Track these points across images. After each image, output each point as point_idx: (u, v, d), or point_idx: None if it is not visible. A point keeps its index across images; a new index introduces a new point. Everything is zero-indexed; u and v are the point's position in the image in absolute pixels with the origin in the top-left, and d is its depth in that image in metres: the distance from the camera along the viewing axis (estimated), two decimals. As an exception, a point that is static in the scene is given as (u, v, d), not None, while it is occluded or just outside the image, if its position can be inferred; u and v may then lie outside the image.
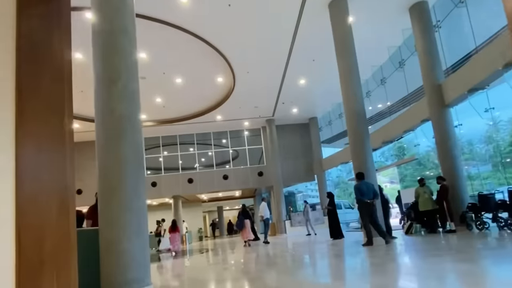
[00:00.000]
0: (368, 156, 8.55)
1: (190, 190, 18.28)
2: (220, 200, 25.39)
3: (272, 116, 17.26)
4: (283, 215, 17.07)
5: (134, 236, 3.92)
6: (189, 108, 15.51)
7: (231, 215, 36.61)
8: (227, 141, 18.94)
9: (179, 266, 8.03)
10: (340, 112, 16.28)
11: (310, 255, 7.17)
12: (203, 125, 17.42)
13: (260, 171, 18.31)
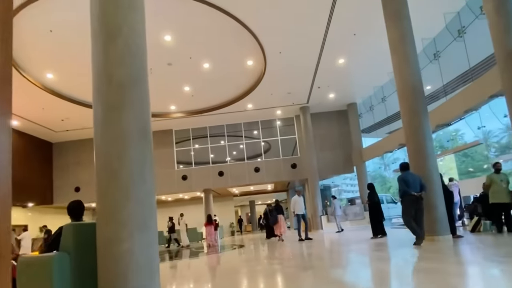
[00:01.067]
0: (427, 139, 7.13)
1: (221, 184, 17.57)
2: (252, 194, 24.56)
3: (307, 103, 15.95)
4: (319, 210, 15.79)
5: (137, 233, 3.01)
6: (218, 97, 14.69)
7: (263, 210, 35.83)
8: (258, 132, 17.94)
9: (215, 263, 7.20)
10: (383, 96, 14.60)
11: (348, 256, 5.97)
12: (233, 115, 16.56)
13: (293, 163, 17.13)
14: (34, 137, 17.51)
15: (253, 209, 29.71)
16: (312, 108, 16.48)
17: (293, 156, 17.42)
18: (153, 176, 3.47)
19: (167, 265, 7.82)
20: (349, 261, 5.58)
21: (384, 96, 14.51)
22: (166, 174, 17.84)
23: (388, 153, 14.61)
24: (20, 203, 17.07)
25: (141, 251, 3.03)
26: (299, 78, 13.19)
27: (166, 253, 12.39)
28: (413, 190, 6.23)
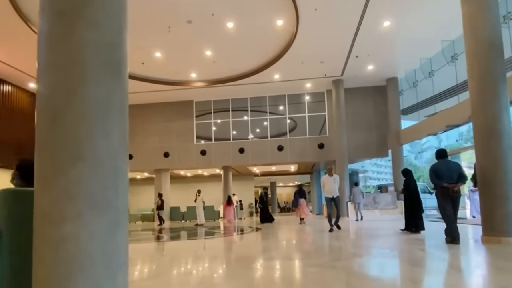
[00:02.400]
0: (502, 112, 5.52)
1: (241, 161, 16.51)
2: (273, 174, 23.42)
3: (341, 75, 14.23)
4: (346, 196, 14.39)
5: (89, 211, 1.86)
6: (242, 64, 13.32)
7: (284, 192, 34.78)
8: (284, 108, 16.49)
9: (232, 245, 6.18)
10: (430, 70, 12.62)
11: (378, 253, 4.66)
12: (258, 87, 15.19)
13: (320, 142, 15.66)
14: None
15: (274, 190, 28.70)
16: (346, 82, 14.75)
17: (320, 135, 15.92)
18: (124, 130, 2.26)
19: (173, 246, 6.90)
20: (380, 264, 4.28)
21: (432, 70, 12.53)
22: (184, 148, 17.02)
23: (431, 135, 12.77)
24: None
25: (94, 238, 1.88)
26: (335, 44, 11.50)
27: (172, 231, 11.62)
28: (448, 181, 5.32)
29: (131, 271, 3.91)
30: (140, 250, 6.20)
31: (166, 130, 17.29)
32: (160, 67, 13.40)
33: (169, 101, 17.25)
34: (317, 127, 16.17)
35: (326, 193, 8.41)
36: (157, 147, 17.31)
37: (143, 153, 17.40)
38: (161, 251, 6.38)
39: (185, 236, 9.45)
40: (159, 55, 12.37)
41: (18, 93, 14.98)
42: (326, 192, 8.41)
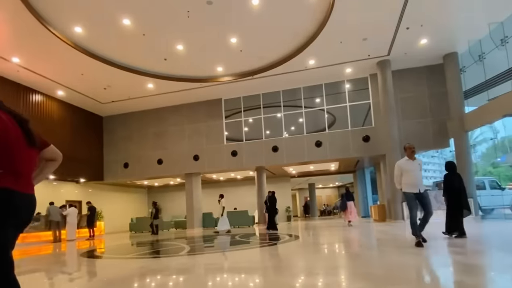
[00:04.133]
0: None
1: (275, 161, 15.01)
2: (311, 175, 21.59)
3: (387, 55, 12.27)
4: (400, 195, 12.31)
5: None
6: (272, 51, 11.88)
7: (324, 194, 32.62)
8: (321, 100, 14.75)
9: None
10: (503, 37, 10.30)
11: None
12: (291, 77, 13.68)
13: (365, 135, 13.71)
14: (83, 110, 16.90)
15: (312, 193, 26.78)
16: (394, 63, 12.73)
17: (365, 127, 13.96)
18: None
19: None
20: None
21: (506, 36, 10.22)
22: (214, 150, 15.90)
23: (508, 116, 10.37)
24: (72, 178, 16.74)
25: None
26: (381, 14, 9.69)
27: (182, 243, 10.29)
28: None
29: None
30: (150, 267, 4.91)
31: (195, 132, 16.32)
32: (183, 62, 12.39)
33: (197, 101, 16.30)
34: (359, 118, 14.24)
35: (407, 187, 5.24)
36: (186, 151, 16.38)
37: (173, 158, 16.56)
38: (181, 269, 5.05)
39: (213, 247, 8.13)
40: (181, 47, 11.33)
41: (47, 101, 14.78)
42: (408, 184, 5.23)
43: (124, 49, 11.35)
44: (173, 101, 16.23)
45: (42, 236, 12.31)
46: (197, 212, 16.32)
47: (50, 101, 14.97)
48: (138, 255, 6.80)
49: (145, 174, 17.17)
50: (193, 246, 7.94)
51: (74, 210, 13.23)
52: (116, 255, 7.11)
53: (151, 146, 17.07)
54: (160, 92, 15.02)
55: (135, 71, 12.84)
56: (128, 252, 7.74)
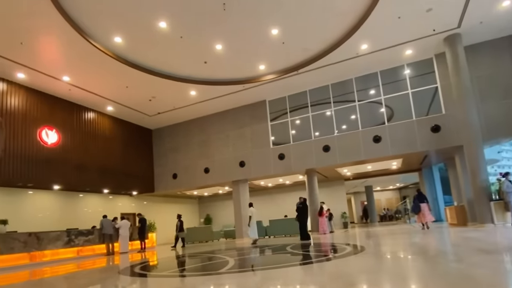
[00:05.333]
0: None
1: (326, 161, 13.65)
2: (369, 176, 19.63)
3: (457, 27, 10.37)
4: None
5: None
6: (317, 38, 10.74)
7: (383, 197, 29.92)
8: (377, 90, 13.14)
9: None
10: None
11: None
12: (341, 67, 12.38)
13: (435, 124, 11.76)
14: (133, 125, 17.28)
15: (370, 196, 24.52)
16: (466, 37, 10.76)
17: (433, 115, 12.01)
18: None
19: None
20: None
21: None
22: (260, 154, 15.04)
23: None
24: (125, 191, 17.08)
25: None
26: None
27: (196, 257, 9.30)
28: None
29: None
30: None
31: (240, 137, 15.67)
32: (224, 63, 11.81)
33: (240, 106, 15.71)
34: (424, 105, 12.34)
35: None
36: (231, 157, 15.77)
37: (219, 165, 16.07)
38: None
39: (260, 260, 7.12)
40: (220, 47, 10.75)
41: (99, 118, 15.25)
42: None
43: (163, 55, 11.08)
44: (216, 108, 15.81)
45: (96, 249, 12.38)
46: (246, 221, 15.48)
47: (102, 117, 15.43)
48: (174, 272, 6.04)
49: (192, 184, 16.90)
50: (238, 259, 7.01)
51: (126, 223, 13.21)
52: (153, 272, 6.45)
53: (197, 155, 16.80)
54: (203, 99, 14.67)
55: (176, 79, 12.59)
56: (166, 267, 7.09)
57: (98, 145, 14.95)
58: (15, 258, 9.67)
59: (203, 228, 17.99)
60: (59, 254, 10.97)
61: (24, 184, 12.30)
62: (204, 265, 6.74)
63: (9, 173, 11.15)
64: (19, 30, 9.11)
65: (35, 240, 10.38)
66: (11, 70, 10.99)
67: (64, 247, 11.21)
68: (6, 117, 11.35)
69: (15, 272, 8.90)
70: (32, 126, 12.17)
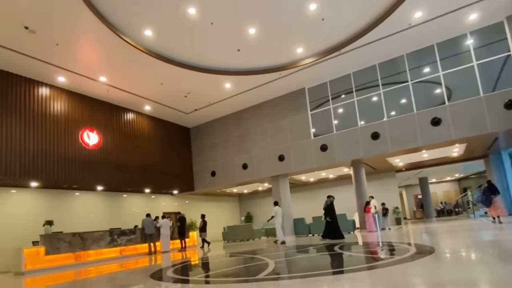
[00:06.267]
0: None
1: (375, 150, 12.28)
2: (423, 166, 17.67)
3: (537, -22, 8.60)
4: None
5: None
6: (361, 10, 9.49)
7: (440, 190, 27.22)
8: (433, 66, 11.52)
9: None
10: None
11: None
12: (390, 42, 10.99)
13: (508, 100, 9.91)
14: (171, 124, 17.22)
15: (425, 189, 22.28)
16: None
17: (504, 90, 10.14)
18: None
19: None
20: None
21: None
22: (301, 146, 14.05)
23: None
24: (166, 190, 17.04)
25: None
26: None
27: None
28: None
29: None
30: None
31: (278, 130, 14.80)
32: (258, 49, 11.00)
33: (277, 96, 14.85)
34: (490, 80, 10.49)
35: None
36: (270, 151, 14.96)
37: (257, 161, 15.35)
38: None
39: (306, 263, 6.19)
40: (253, 31, 9.95)
41: (137, 118, 15.30)
42: None
43: (194, 45, 10.55)
44: (253, 100, 15.10)
45: (139, 248, 12.28)
46: (287, 218, 14.61)
47: (140, 117, 15.46)
48: (203, 277, 5.33)
49: (231, 181, 16.38)
50: (279, 261, 6.13)
51: (166, 222, 12.99)
52: (180, 276, 5.80)
53: (234, 151, 16.25)
54: (238, 91, 14.03)
55: (210, 71, 12.05)
56: (198, 271, 6.45)
57: (138, 145, 14.97)
58: (61, 258, 9.75)
59: (244, 226, 17.42)
60: (103, 254, 10.97)
61: (69, 185, 12.57)
62: (240, 268, 5.98)
63: (54, 175, 11.38)
64: (54, 31, 9.10)
65: (79, 240, 10.43)
66: (52, 73, 11.18)
67: (107, 247, 11.20)
68: (50, 121, 11.63)
69: (61, 271, 8.91)
70: (74, 128, 12.37)
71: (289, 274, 4.71)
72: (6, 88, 10.62)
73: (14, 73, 10.86)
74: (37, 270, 9.21)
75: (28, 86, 11.20)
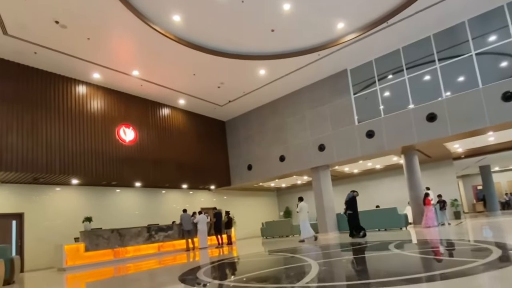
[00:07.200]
0: None
1: (432, 134, 10.75)
2: (487, 152, 15.51)
3: None
4: None
5: None
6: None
7: (504, 179, 24.24)
8: (504, 32, 9.76)
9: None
10: None
11: None
12: (448, 7, 9.46)
13: None
14: (206, 117, 16.85)
15: (487, 179, 19.82)
16: None
17: None
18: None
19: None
20: None
21: None
22: (343, 134, 12.85)
23: None
24: (203, 185, 16.72)
25: None
26: None
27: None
28: None
29: None
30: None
31: (318, 117, 13.71)
32: (294, 28, 10.04)
33: (316, 81, 13.75)
34: None
35: None
36: (309, 141, 13.93)
37: (295, 152, 14.42)
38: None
39: (356, 265, 5.17)
40: (288, 6, 9.00)
41: (172, 113, 15.08)
42: None
43: (224, 29, 9.83)
44: (289, 87, 14.15)
45: (176, 244, 11.98)
46: (329, 213, 13.52)
47: (175, 112, 15.22)
48: (234, 282, 4.54)
49: (268, 174, 15.60)
50: (323, 263, 5.18)
51: (203, 217, 12.57)
52: (211, 279, 5.05)
53: (271, 143, 15.44)
54: (274, 78, 13.17)
55: (242, 56, 11.31)
56: (233, 272, 5.70)
57: (173, 141, 14.74)
58: (100, 255, 9.65)
59: (282, 222, 16.59)
60: (141, 250, 10.78)
61: (108, 182, 12.59)
62: (279, 271, 5.12)
63: (93, 172, 11.39)
64: (84, 25, 8.93)
65: (118, 237, 10.30)
66: (87, 70, 11.16)
67: (145, 243, 11.00)
68: (87, 118, 11.67)
69: (101, 268, 8.77)
70: (111, 125, 12.34)
71: (338, 283, 3.76)
72: (45, 88, 10.75)
73: (53, 72, 10.99)
74: (78, 267, 9.17)
75: (66, 85, 11.29)
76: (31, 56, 9.98)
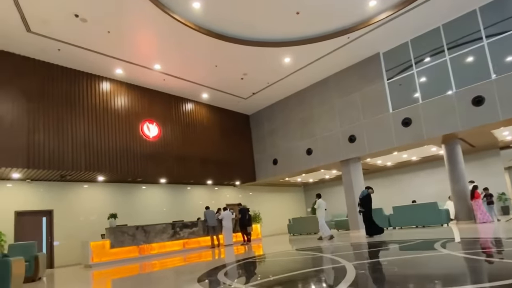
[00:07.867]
0: None
1: (479, 120, 9.59)
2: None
3: None
4: None
5: None
6: None
7: None
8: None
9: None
10: None
11: None
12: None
13: None
14: (230, 111, 16.45)
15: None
16: None
17: None
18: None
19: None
20: None
21: None
22: (376, 123, 11.91)
23: None
24: (228, 181, 16.37)
25: None
26: None
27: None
28: None
29: None
30: None
31: (347, 105, 12.84)
32: (321, 8, 9.26)
33: (345, 68, 12.88)
34: None
35: None
36: (338, 132, 13.10)
37: (323, 144, 13.63)
38: None
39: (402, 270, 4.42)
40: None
41: (196, 107, 14.80)
42: None
43: (246, 12, 9.25)
44: (316, 75, 13.37)
45: (201, 241, 11.67)
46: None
47: (198, 106, 14.93)
48: (262, 283, 3.95)
49: (294, 168, 14.93)
50: (360, 266, 4.46)
51: (228, 214, 12.17)
52: (229, 280, 4.53)
53: (297, 135, 14.74)
54: (299, 66, 12.45)
55: (266, 43, 10.71)
56: (257, 274, 5.13)
57: (197, 136, 14.46)
58: (126, 251, 9.50)
59: (310, 219, 15.87)
60: (166, 247, 10.56)
61: (133, 179, 12.51)
62: (308, 274, 4.49)
63: (118, 169, 11.31)
64: (103, 17, 8.72)
65: (142, 233, 10.13)
66: (110, 66, 11.06)
67: (170, 240, 10.77)
68: (111, 114, 11.60)
69: (126, 264, 8.60)
70: (135, 121, 12.22)
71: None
72: (70, 85, 10.75)
73: (77, 69, 10.98)
74: (104, 263, 9.07)
75: (89, 82, 11.26)
76: (55, 53, 9.97)
